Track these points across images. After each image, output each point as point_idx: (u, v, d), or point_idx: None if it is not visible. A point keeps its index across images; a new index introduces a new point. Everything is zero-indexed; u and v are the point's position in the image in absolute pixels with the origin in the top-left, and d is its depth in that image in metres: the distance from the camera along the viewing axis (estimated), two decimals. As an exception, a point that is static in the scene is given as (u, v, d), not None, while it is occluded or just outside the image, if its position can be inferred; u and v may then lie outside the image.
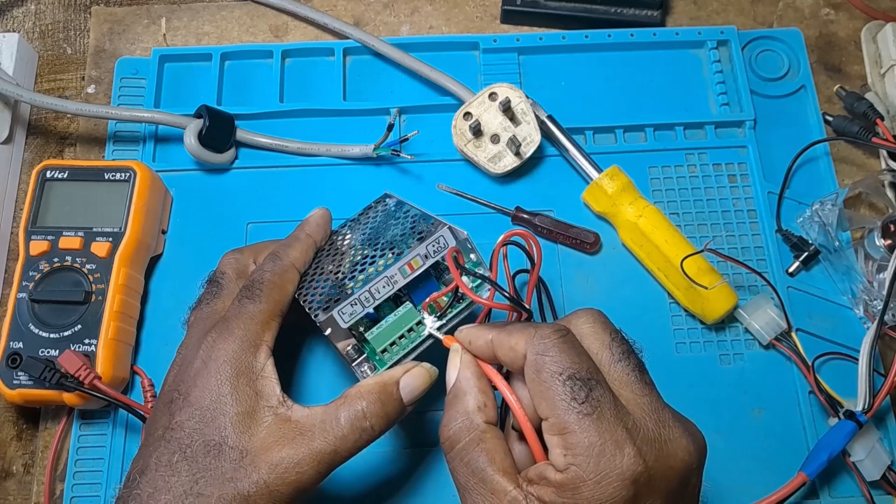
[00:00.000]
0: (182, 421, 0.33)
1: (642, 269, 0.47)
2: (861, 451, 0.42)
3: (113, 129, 0.51)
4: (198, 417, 0.33)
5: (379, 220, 0.41)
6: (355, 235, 0.42)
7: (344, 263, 0.39)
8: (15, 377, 0.41)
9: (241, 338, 0.35)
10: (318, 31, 0.55)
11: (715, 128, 0.51)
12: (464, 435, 0.31)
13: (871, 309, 0.45)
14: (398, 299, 0.38)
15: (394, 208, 0.42)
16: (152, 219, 0.46)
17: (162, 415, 0.34)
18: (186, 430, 0.33)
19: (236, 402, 0.34)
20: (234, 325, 0.36)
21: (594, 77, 0.53)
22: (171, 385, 0.36)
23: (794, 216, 0.49)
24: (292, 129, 0.51)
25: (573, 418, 0.28)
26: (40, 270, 0.43)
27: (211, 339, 0.35)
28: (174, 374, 0.36)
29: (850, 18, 0.55)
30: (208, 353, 0.35)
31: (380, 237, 0.39)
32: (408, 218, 0.39)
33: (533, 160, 0.49)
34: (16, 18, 0.56)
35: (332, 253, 0.41)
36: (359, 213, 0.44)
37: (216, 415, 0.33)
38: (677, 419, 0.30)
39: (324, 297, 0.37)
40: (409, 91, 0.52)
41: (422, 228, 0.37)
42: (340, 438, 0.33)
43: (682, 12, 0.55)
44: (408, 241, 0.37)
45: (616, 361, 0.30)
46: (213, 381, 0.34)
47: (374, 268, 0.37)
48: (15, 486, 0.44)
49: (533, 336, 0.30)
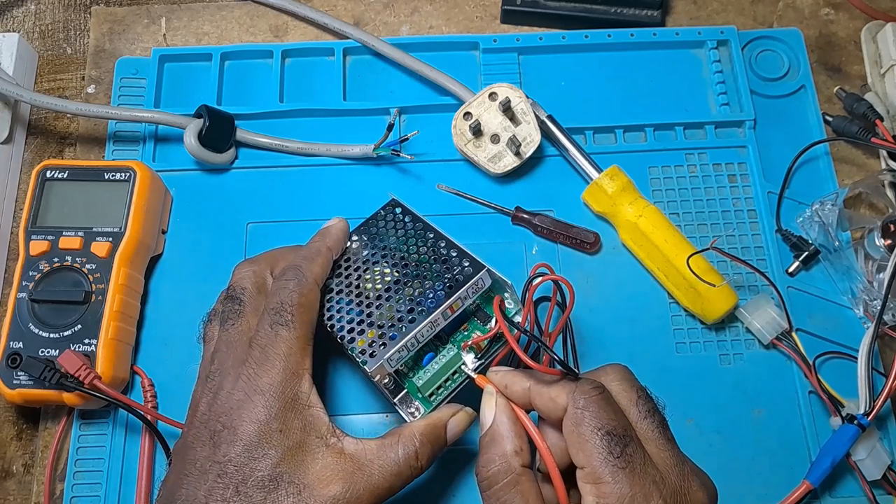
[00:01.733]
0: (232, 456, 0.33)
1: (642, 269, 0.47)
2: (862, 451, 0.42)
3: (113, 129, 0.51)
4: (248, 453, 0.33)
5: (398, 239, 0.42)
6: (371, 251, 0.42)
7: (364, 283, 0.40)
8: (15, 377, 0.41)
9: (283, 369, 0.35)
10: (318, 31, 0.55)
11: (715, 128, 0.51)
12: (501, 477, 0.32)
13: (871, 309, 0.45)
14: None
15: (411, 226, 0.42)
16: (152, 219, 0.46)
17: (204, 446, 0.34)
18: (237, 465, 0.33)
19: (287, 435, 0.34)
20: (273, 355, 0.35)
21: (594, 77, 0.53)
22: (208, 415, 0.35)
23: (794, 216, 0.49)
24: (292, 129, 0.51)
25: (608, 471, 0.30)
26: (40, 270, 0.43)
27: (251, 370, 0.35)
28: (208, 402, 0.35)
29: (850, 18, 0.55)
30: (251, 386, 0.34)
31: (402, 259, 0.41)
32: (430, 242, 0.41)
33: (533, 160, 0.49)
34: (16, 18, 0.56)
35: (348, 268, 0.42)
36: (367, 221, 0.44)
37: (267, 449, 0.33)
38: (695, 472, 0.32)
39: (350, 321, 0.39)
40: (409, 91, 0.52)
41: (451, 262, 0.39)
42: (396, 475, 0.35)
43: (682, 12, 0.55)
44: (435, 270, 0.39)
45: (643, 418, 0.32)
46: (261, 416, 0.33)
47: (401, 296, 0.39)
48: (15, 485, 0.44)
49: (574, 391, 0.32)
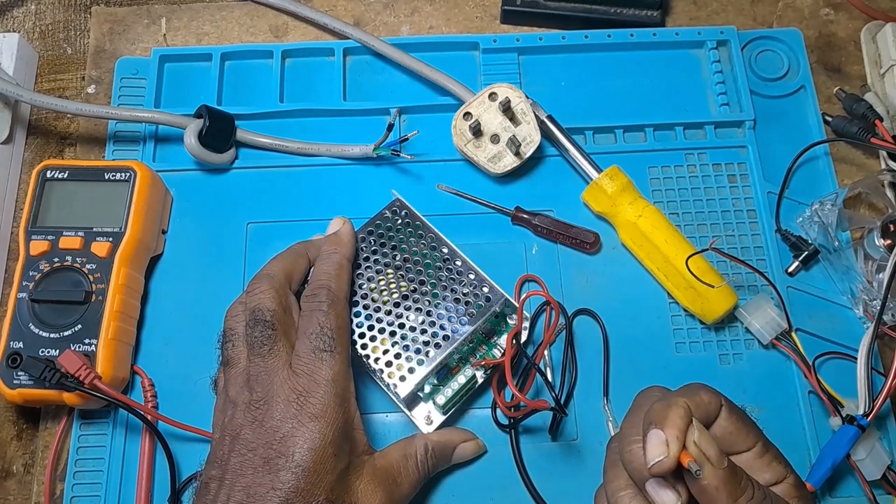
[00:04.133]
0: (292, 482, 0.33)
1: (642, 269, 0.47)
2: (862, 452, 0.42)
3: (113, 129, 0.51)
4: (305, 479, 0.34)
5: (408, 246, 0.43)
6: (380, 256, 0.43)
7: (376, 293, 0.42)
8: (15, 377, 0.41)
9: (333, 395, 0.36)
10: (318, 31, 0.55)
11: (715, 128, 0.51)
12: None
13: (870, 309, 0.45)
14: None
15: (421, 233, 0.44)
16: (152, 219, 0.46)
17: (257, 473, 0.34)
18: (297, 491, 0.33)
19: (339, 459, 0.35)
20: (322, 381, 0.36)
21: (594, 77, 0.53)
22: (256, 442, 0.35)
23: (793, 216, 0.49)
24: (292, 129, 0.51)
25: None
26: (40, 270, 0.43)
27: (301, 399, 0.35)
28: (255, 430, 0.35)
29: (849, 18, 0.55)
30: (304, 413, 0.35)
31: (415, 266, 0.43)
32: (445, 257, 0.43)
33: (533, 160, 0.49)
34: (16, 18, 0.56)
35: (360, 276, 0.43)
36: (373, 222, 0.44)
37: (323, 475, 0.34)
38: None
39: (362, 335, 0.41)
40: (409, 91, 0.52)
41: (471, 285, 0.42)
42: (416, 484, 0.39)
43: (681, 12, 0.55)
44: (455, 291, 0.42)
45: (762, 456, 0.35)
46: (317, 442, 0.34)
47: (419, 313, 0.42)
48: (15, 485, 0.44)
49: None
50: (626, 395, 0.44)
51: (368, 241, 0.44)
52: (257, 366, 0.36)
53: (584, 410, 0.44)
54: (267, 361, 0.36)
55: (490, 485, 0.42)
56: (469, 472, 0.43)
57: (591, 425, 0.44)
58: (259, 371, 0.36)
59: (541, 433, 0.43)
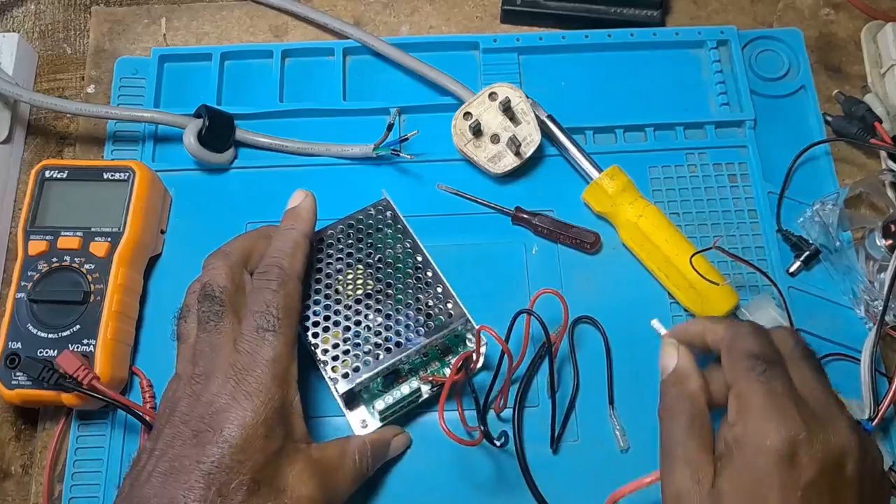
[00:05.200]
0: (217, 457, 0.33)
1: (642, 269, 0.47)
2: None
3: (112, 129, 0.51)
4: (231, 455, 0.33)
5: (383, 246, 0.43)
6: (353, 249, 0.43)
7: (339, 284, 0.42)
8: (13, 377, 0.41)
9: (272, 375, 0.35)
10: (318, 31, 0.55)
11: (715, 128, 0.51)
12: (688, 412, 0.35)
13: (872, 309, 0.45)
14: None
15: (400, 237, 0.43)
16: (151, 219, 0.46)
17: (185, 445, 0.33)
18: (221, 467, 0.32)
19: (270, 441, 0.34)
20: (261, 360, 0.35)
21: (594, 77, 0.52)
22: (190, 415, 0.34)
23: (794, 216, 0.49)
24: (292, 129, 0.51)
25: (746, 385, 0.33)
26: (39, 270, 0.43)
27: (239, 375, 0.35)
28: (190, 403, 0.35)
29: (850, 18, 0.55)
30: (239, 391, 0.34)
31: (385, 268, 0.42)
32: (418, 265, 0.43)
33: (533, 160, 0.49)
34: (16, 18, 0.56)
35: (329, 264, 0.42)
36: (354, 216, 0.44)
37: (251, 454, 0.33)
38: (844, 413, 0.33)
39: (316, 323, 0.41)
40: (409, 91, 0.52)
41: (436, 298, 0.42)
42: (353, 481, 0.39)
43: (682, 12, 0.55)
44: (418, 301, 0.41)
45: (798, 359, 0.35)
46: (248, 420, 0.33)
47: (378, 314, 0.41)
48: (13, 486, 0.44)
49: (732, 325, 0.37)
50: (626, 396, 0.44)
51: (347, 233, 0.43)
52: (203, 341, 0.36)
53: (585, 412, 0.44)
54: (213, 337, 0.36)
55: (494, 490, 0.42)
56: (470, 474, 0.42)
57: (593, 428, 0.43)
58: (204, 346, 0.36)
59: (544, 438, 0.43)
